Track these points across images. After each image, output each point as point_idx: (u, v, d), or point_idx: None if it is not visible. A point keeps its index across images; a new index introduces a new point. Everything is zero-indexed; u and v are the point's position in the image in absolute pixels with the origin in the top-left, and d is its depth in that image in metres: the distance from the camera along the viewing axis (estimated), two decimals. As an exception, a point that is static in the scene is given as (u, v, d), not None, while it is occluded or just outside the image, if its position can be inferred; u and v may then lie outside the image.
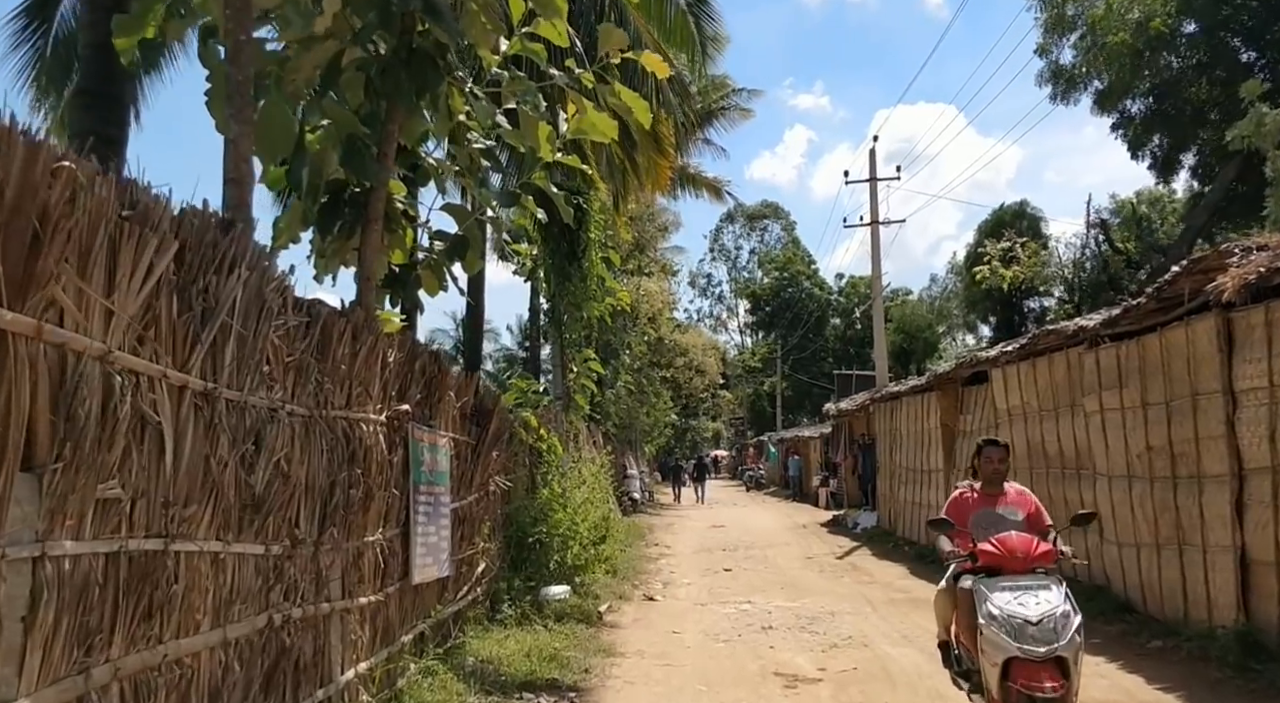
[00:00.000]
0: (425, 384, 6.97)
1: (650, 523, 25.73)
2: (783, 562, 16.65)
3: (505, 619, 8.82)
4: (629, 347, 27.19)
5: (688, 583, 13.90)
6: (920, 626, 9.91)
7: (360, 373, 5.47)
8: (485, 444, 8.37)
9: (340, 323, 5.18)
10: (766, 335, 72.72)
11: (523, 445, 11.21)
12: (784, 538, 21.53)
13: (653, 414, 37.76)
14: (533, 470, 12.00)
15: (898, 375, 26.90)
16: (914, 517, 17.64)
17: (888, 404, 19.80)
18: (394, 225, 6.13)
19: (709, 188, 38.09)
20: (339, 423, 5.13)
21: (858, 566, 15.80)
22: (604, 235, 16.60)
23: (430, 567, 6.82)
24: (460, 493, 7.88)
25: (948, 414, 15.77)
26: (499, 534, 9.91)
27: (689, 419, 57.86)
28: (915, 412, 17.45)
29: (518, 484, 10.99)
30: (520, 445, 10.89)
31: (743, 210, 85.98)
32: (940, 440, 15.95)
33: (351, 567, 5.25)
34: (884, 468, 20.57)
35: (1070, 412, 10.86)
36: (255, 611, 4.01)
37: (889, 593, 12.39)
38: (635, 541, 19.64)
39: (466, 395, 8.06)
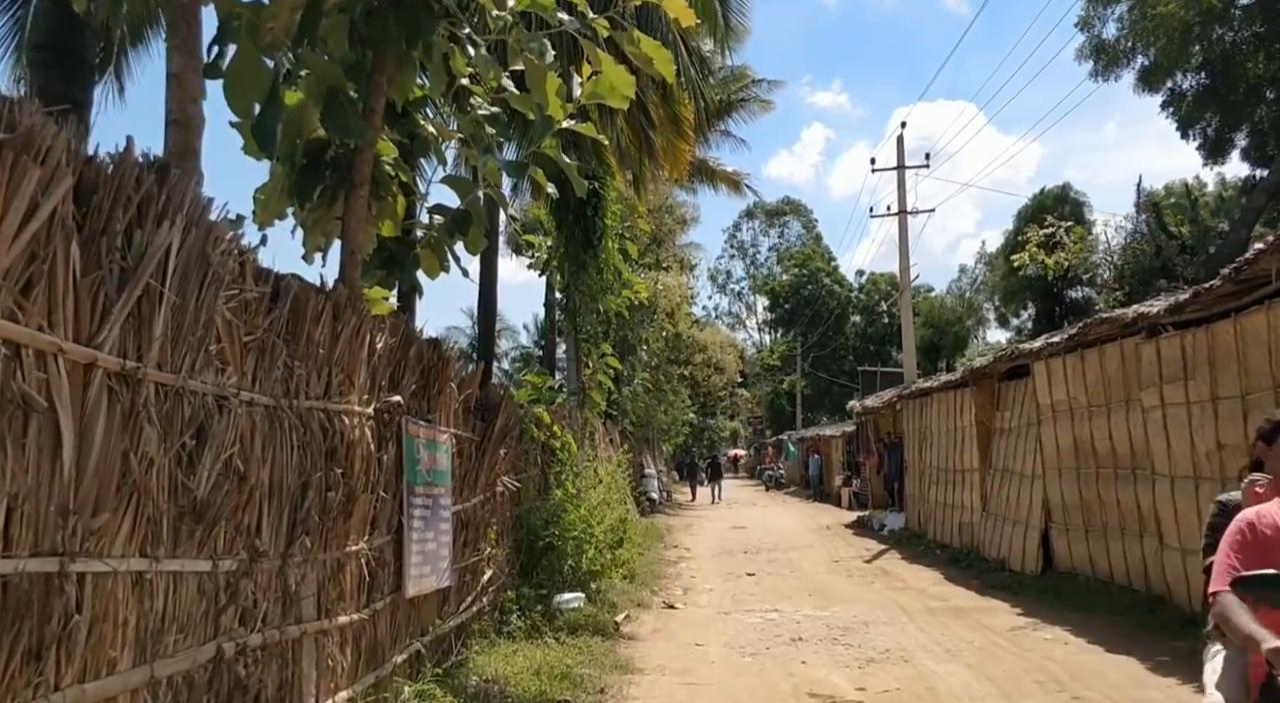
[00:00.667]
0: (423, 374, 6.27)
1: (669, 524, 25.01)
2: (808, 566, 15.89)
3: (514, 632, 8.11)
4: (646, 342, 26.46)
5: (709, 589, 13.17)
6: (963, 639, 9.15)
7: (342, 359, 4.77)
8: (491, 441, 7.66)
9: (317, 300, 4.48)
10: (786, 333, 71.82)
11: (534, 443, 10.51)
12: (807, 540, 20.76)
13: (670, 412, 37.02)
14: (545, 470, 11.30)
15: (926, 371, 26.02)
16: (946, 519, 16.83)
17: (917, 401, 18.99)
18: (383, 192, 5.43)
19: (728, 181, 37.28)
20: (315, 415, 4.43)
21: (888, 570, 15.02)
22: (621, 224, 15.91)
23: (428, 577, 6.12)
24: (463, 494, 7.18)
25: (983, 411, 14.96)
26: (508, 539, 9.21)
27: (707, 418, 57.10)
28: (947, 409, 16.64)
29: (528, 484, 10.29)
30: (531, 443, 10.19)
31: (762, 207, 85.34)
32: (975, 439, 15.14)
33: (330, 581, 4.55)
34: (912, 468, 19.76)
35: (1124, 407, 10.06)
36: (199, 640, 3.31)
37: (925, 601, 11.61)
38: (653, 543, 18.92)
39: (471, 388, 7.36)
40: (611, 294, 16.21)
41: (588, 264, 13.28)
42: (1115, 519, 10.35)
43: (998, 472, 14.30)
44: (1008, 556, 13.29)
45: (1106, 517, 10.56)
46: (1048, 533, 12.18)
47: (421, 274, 6.68)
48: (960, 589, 12.53)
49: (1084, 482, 11.08)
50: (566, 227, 13.17)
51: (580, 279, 13.36)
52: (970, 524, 15.38)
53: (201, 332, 3.27)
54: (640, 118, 12.81)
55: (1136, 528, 9.92)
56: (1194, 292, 8.12)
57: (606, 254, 13.60)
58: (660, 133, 13.15)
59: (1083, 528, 11.20)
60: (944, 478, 17.06)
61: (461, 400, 7.09)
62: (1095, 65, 22.21)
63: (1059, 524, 11.86)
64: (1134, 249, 17.04)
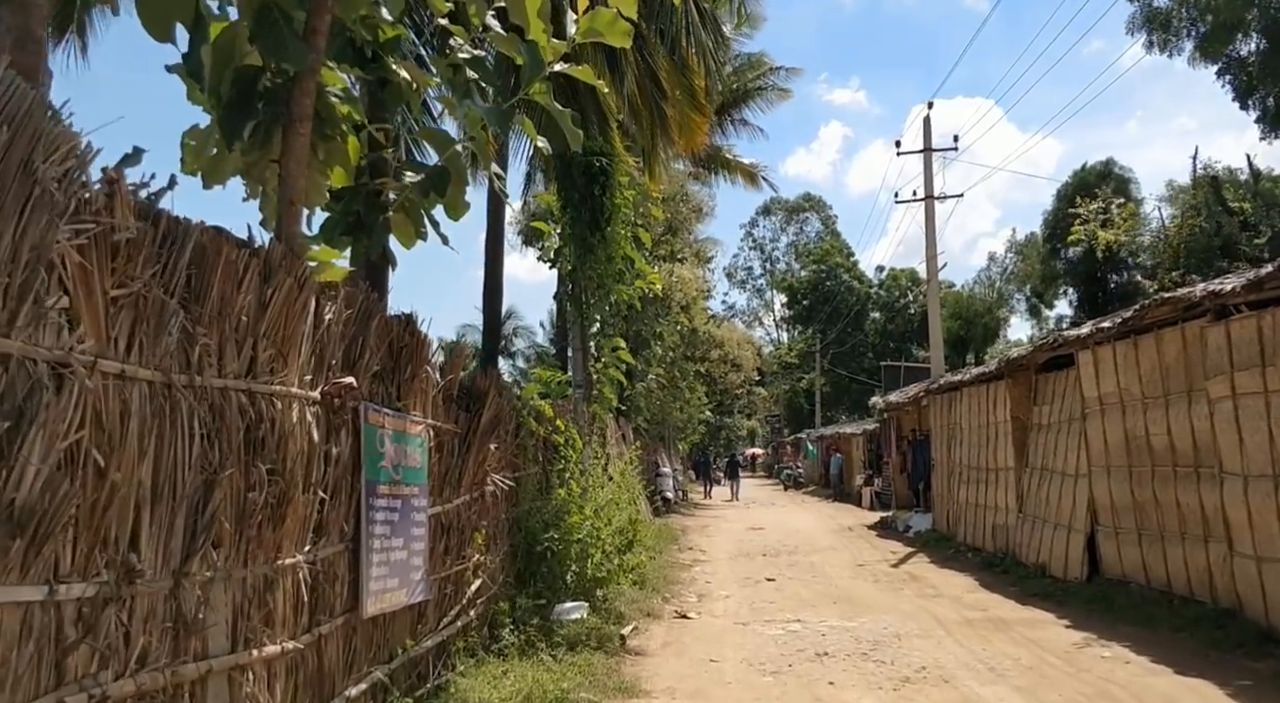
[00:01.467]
0: (390, 355, 5.39)
1: (684, 525, 24.09)
2: (831, 570, 14.94)
3: (505, 649, 7.22)
4: (661, 337, 25.54)
5: (726, 596, 12.25)
6: (1009, 655, 8.20)
7: (274, 329, 3.90)
8: (478, 434, 6.77)
9: (236, 254, 3.61)
10: (804, 330, 70.70)
11: (534, 438, 9.63)
12: (829, 542, 19.79)
13: (686, 410, 36.08)
14: (546, 468, 10.42)
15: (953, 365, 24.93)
16: (978, 520, 15.84)
17: (945, 396, 17.99)
18: (329, 130, 4.54)
19: (745, 174, 36.29)
20: (232, 397, 3.56)
21: (917, 575, 14.05)
22: (630, 204, 15.02)
23: (394, 592, 5.23)
24: (444, 495, 6.30)
25: (1019, 406, 13.97)
26: (502, 543, 8.32)
27: (724, 416, 56.10)
28: (979, 403, 15.65)
29: (527, 484, 9.41)
30: (531, 438, 9.30)
31: (780, 203, 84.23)
32: (1010, 435, 14.15)
33: (253, 604, 3.67)
34: (940, 466, 18.77)
35: (1185, 398, 9.08)
36: (28, 696, 2.43)
37: (961, 610, 10.65)
38: (667, 545, 18.01)
39: (454, 373, 6.47)
40: (623, 283, 15.36)
41: (595, 247, 12.38)
42: (1174, 522, 9.36)
43: (1035, 470, 13.32)
44: (1048, 561, 12.31)
45: (1164, 520, 9.57)
46: (1094, 537, 11.19)
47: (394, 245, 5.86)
48: (998, 597, 11.56)
49: (1137, 481, 10.09)
50: (572, 207, 12.29)
51: (587, 263, 12.47)
52: (1005, 526, 14.39)
53: (26, 273, 2.38)
54: (651, 88, 11.90)
55: (1200, 532, 8.93)
56: (1279, 265, 7.14)
57: (616, 237, 12.71)
58: (672, 104, 12.22)
59: (1135, 532, 10.21)
60: (975, 477, 16.07)
61: (441, 388, 6.21)
62: (1149, 36, 20.88)
63: (1107, 527, 10.87)
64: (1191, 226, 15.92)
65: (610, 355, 16.51)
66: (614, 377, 16.62)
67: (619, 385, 22.52)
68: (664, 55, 11.30)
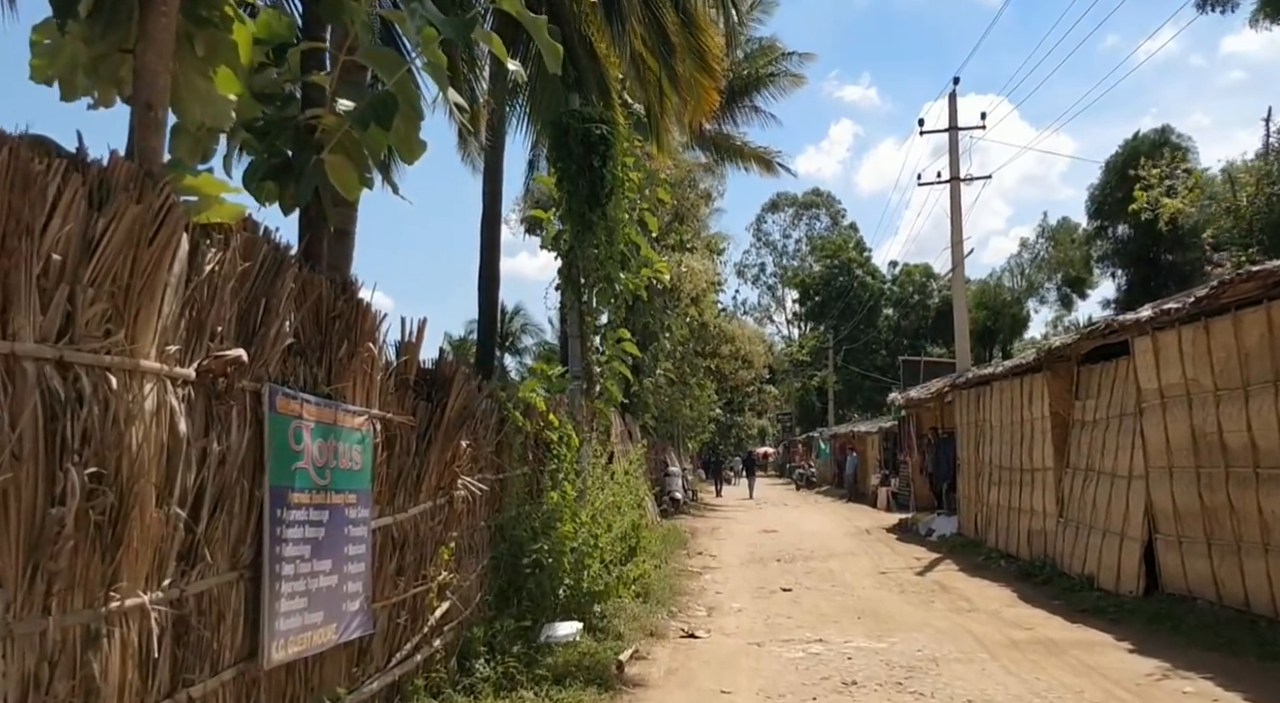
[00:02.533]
0: (319, 327, 4.26)
1: (693, 527, 22.93)
2: (852, 578, 13.76)
3: (478, 684, 6.07)
4: (669, 330, 24.37)
5: (738, 609, 11.09)
6: (1068, 688, 7.02)
7: (109, 276, 2.76)
8: (443, 428, 5.62)
9: (46, 164, 2.46)
10: (816, 327, 69.42)
11: (522, 435, 8.49)
12: (847, 546, 18.60)
13: (696, 407, 34.90)
14: (537, 468, 9.28)
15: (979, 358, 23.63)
16: (1010, 524, 14.63)
17: (973, 391, 16.78)
18: (207, 11, 3.38)
19: (758, 159, 35.02)
20: (26, 371, 2.42)
21: (946, 585, 12.85)
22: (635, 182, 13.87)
23: (318, 628, 4.09)
24: (398, 502, 5.15)
25: (1059, 400, 12.76)
26: (480, 556, 7.19)
27: (734, 415, 54.89)
28: (1013, 398, 14.44)
29: (513, 486, 8.27)
30: (518, 434, 8.16)
31: (788, 199, 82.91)
32: (1049, 432, 12.94)
33: (57, 671, 2.52)
34: (966, 466, 17.56)
35: (1270, 389, 7.87)
36: None
37: (1004, 629, 9.46)
38: (674, 550, 16.85)
39: (412, 354, 5.32)
40: (628, 270, 14.26)
41: (594, 225, 11.22)
42: (1254, 532, 8.15)
43: (1078, 471, 12.11)
44: (1095, 571, 11.10)
45: (1241, 528, 8.36)
46: (1151, 546, 9.98)
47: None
48: (1042, 613, 10.37)
49: (1207, 484, 8.88)
50: (569, 180, 11.12)
51: (585, 242, 11.30)
52: (1042, 532, 13.18)
53: None
54: (657, 43, 10.74)
55: (1288, 544, 7.73)
56: None
57: (617, 214, 11.55)
58: (681, 59, 11.02)
59: (1204, 541, 9.00)
60: (1007, 478, 14.86)
61: (393, 371, 5.06)
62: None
63: (1168, 536, 9.66)
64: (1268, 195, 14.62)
65: (615, 347, 15.40)
66: (619, 371, 15.51)
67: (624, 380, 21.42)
68: (670, 7, 10.15)
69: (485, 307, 15.72)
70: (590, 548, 9.10)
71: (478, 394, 6.66)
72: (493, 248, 15.72)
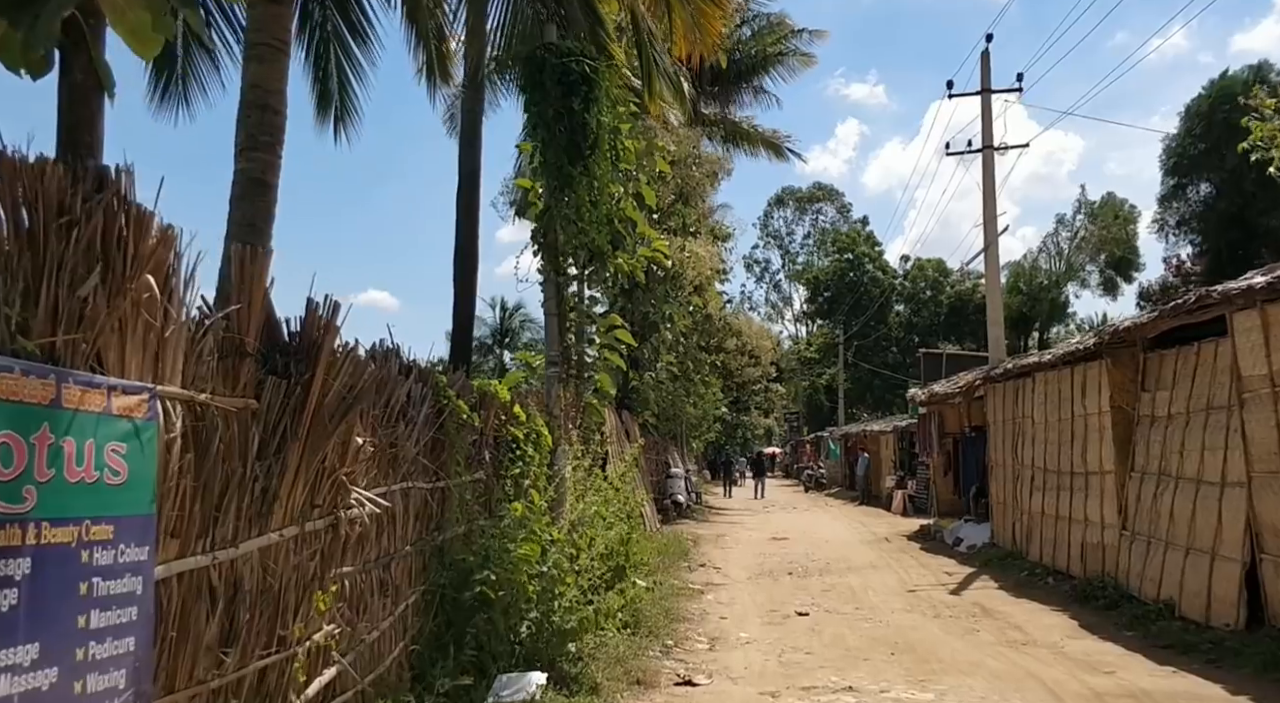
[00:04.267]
0: (32, 248, 2.44)
1: (696, 533, 21.09)
2: (877, 598, 11.93)
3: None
4: (671, 320, 22.52)
5: (746, 640, 9.27)
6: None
7: None
8: (313, 418, 3.79)
9: None
10: (825, 324, 67.55)
11: (473, 433, 6.69)
12: (866, 556, 16.76)
13: (701, 405, 33.04)
14: (496, 473, 7.48)
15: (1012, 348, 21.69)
16: (1059, 536, 12.77)
17: (1010, 384, 14.92)
18: None
19: (767, 144, 33.16)
20: None
21: (989, 608, 11.02)
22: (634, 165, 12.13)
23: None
24: (220, 532, 3.32)
25: (1122, 392, 10.92)
26: (402, 595, 5.38)
27: (740, 414, 53.03)
28: (1062, 391, 12.60)
29: (457, 498, 6.47)
30: (463, 432, 6.34)
31: (792, 193, 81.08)
32: (1109, 430, 11.10)
33: None
34: (1000, 467, 15.71)
35: None
36: None
37: (1076, 672, 7.62)
38: (674, 562, 15.04)
39: (254, 302, 3.49)
40: (622, 249, 12.50)
41: (574, 180, 9.40)
42: None
43: (1147, 475, 10.26)
44: (1175, 597, 9.25)
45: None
46: (1255, 569, 8.12)
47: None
48: (1116, 649, 8.52)
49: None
50: (544, 127, 9.31)
51: (564, 200, 9.49)
52: (1101, 546, 11.34)
53: None
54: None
55: None
56: None
57: (603, 167, 9.73)
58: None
59: (1332, 566, 7.15)
60: (1053, 482, 13.01)
61: (209, 329, 3.24)
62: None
63: (1278, 557, 7.81)
64: None
65: (607, 336, 13.63)
66: (613, 362, 13.74)
67: (619, 373, 19.59)
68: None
69: (461, 290, 13.82)
70: (563, 572, 7.29)
71: (392, 375, 4.86)
72: (470, 220, 13.86)
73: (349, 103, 11.76)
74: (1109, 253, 31.46)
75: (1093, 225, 33.62)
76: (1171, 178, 29.92)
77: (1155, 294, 46.32)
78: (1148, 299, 47.46)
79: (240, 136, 7.30)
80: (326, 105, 11.73)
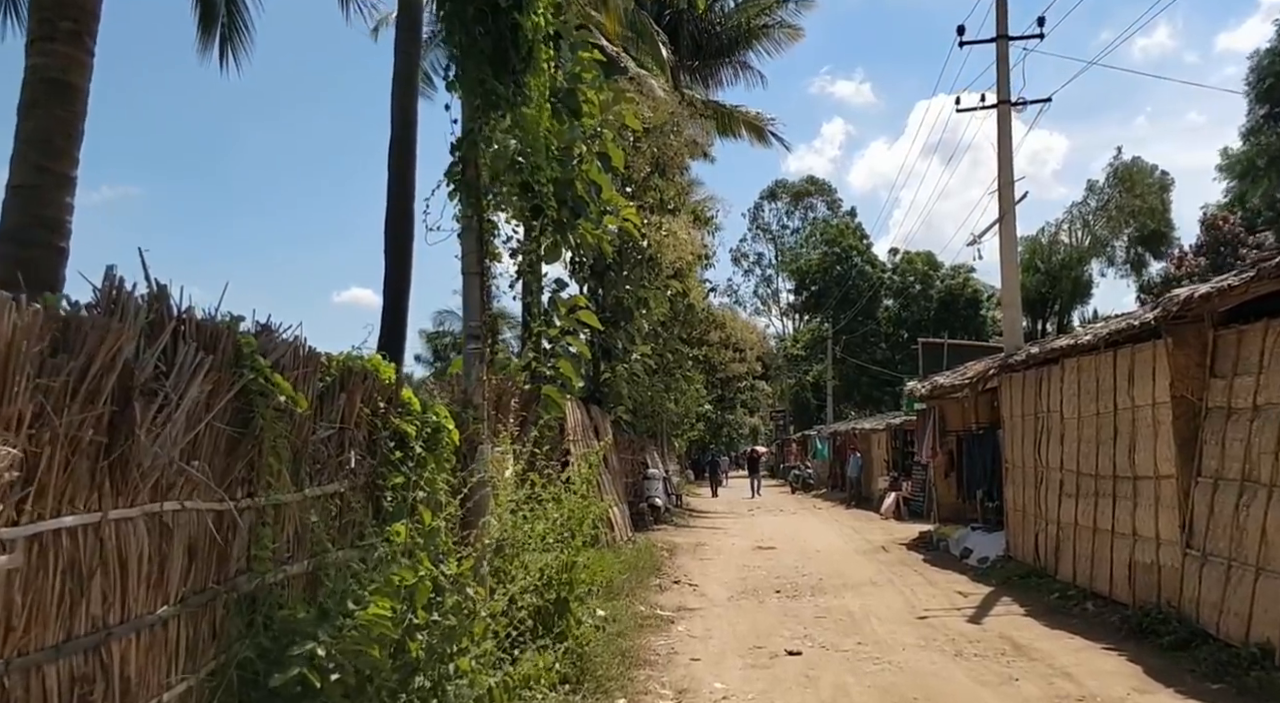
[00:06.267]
0: None
1: (673, 542, 18.99)
2: (883, 628, 9.88)
3: None
4: (646, 305, 20.41)
5: (723, 697, 7.18)
6: None
7: None
8: None
9: None
10: (812, 318, 65.62)
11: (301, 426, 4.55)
12: (864, 571, 14.71)
13: (682, 401, 30.94)
14: (372, 484, 5.35)
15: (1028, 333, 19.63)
16: (1098, 552, 10.71)
17: (1032, 372, 12.88)
18: None
19: (749, 126, 31.07)
20: None
21: (1021, 644, 8.96)
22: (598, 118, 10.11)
23: None
24: None
25: (1185, 378, 8.88)
26: (179, 676, 3.27)
27: (725, 412, 51.02)
28: (1102, 378, 10.57)
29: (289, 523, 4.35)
30: (281, 424, 4.18)
31: (785, 187, 79.34)
32: (1168, 424, 9.06)
33: None
34: (1018, 469, 13.69)
35: None
36: None
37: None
38: (643, 579, 12.96)
39: None
40: (585, 217, 10.43)
41: (501, 101, 7.27)
42: None
43: (1223, 482, 8.22)
44: (1275, 640, 7.19)
45: None
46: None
47: None
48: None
49: None
50: (463, 29, 7.16)
51: (487, 122, 7.35)
52: (1156, 567, 9.30)
53: None
54: None
55: None
56: None
57: (538, 85, 7.60)
58: None
59: None
60: (1089, 487, 10.97)
61: None
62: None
63: None
64: None
65: (569, 318, 11.53)
66: (576, 348, 11.63)
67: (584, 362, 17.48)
68: None
69: (394, 263, 11.51)
70: (463, 623, 5.19)
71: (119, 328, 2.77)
72: (404, 180, 11.60)
73: (239, 19, 9.60)
74: (1140, 224, 28.86)
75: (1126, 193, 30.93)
76: (1261, 106, 25.72)
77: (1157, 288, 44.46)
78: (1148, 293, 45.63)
79: (33, 23, 5.23)
80: (210, 23, 9.57)
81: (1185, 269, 40.46)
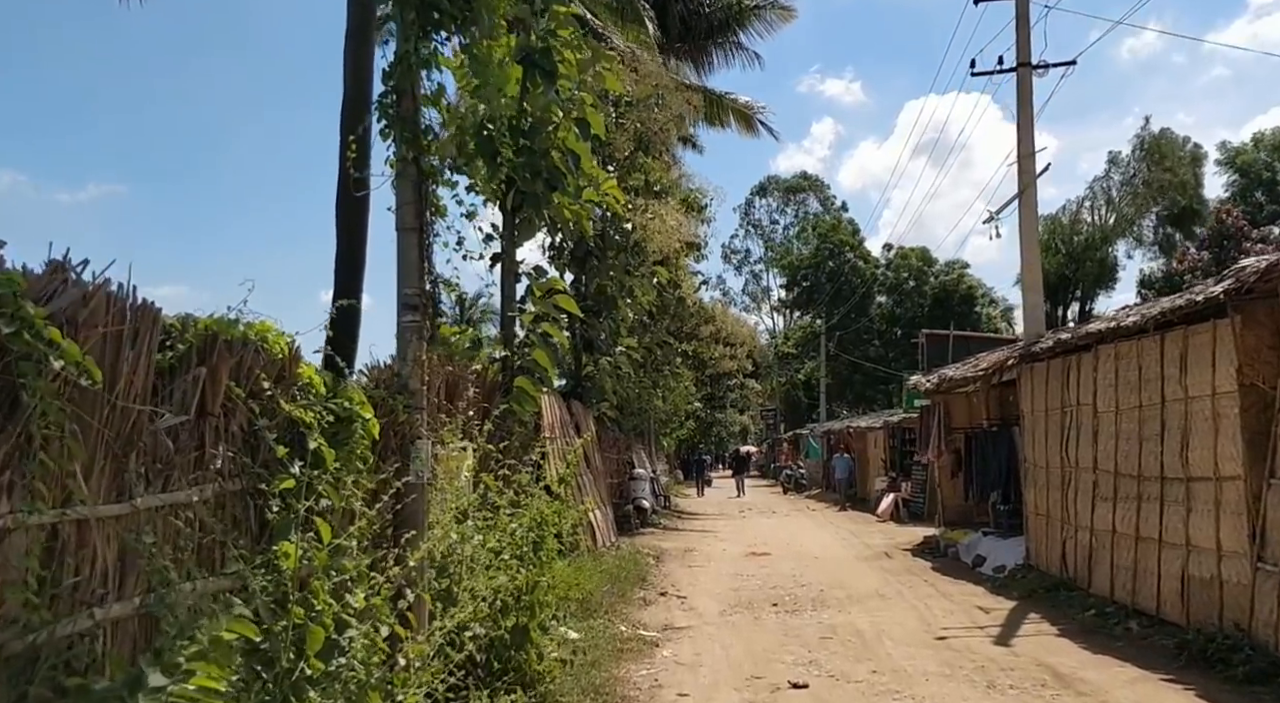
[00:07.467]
0: None
1: (660, 547, 17.65)
2: (898, 651, 8.58)
3: None
4: (631, 294, 19.06)
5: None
6: None
7: None
8: None
9: None
10: (804, 315, 64.45)
11: (98, 405, 3.22)
12: (868, 579, 13.41)
13: (671, 398, 29.63)
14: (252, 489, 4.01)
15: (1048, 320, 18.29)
16: (1147, 566, 9.40)
17: (1057, 362, 11.61)
18: None
19: (738, 115, 29.59)
20: None
21: (1062, 673, 7.65)
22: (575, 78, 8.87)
23: None
24: None
25: (1256, 363, 7.61)
26: None
27: (715, 411, 49.76)
28: (1146, 366, 9.29)
29: (81, 545, 3.00)
30: (48, 404, 2.83)
31: (777, 182, 78.24)
32: (1235, 417, 7.78)
33: None
34: (1040, 469, 12.41)
35: None
36: None
37: None
38: (626, 591, 11.64)
39: None
40: (561, 190, 9.20)
41: (446, 15, 5.92)
42: None
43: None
44: (1387, 675, 5.91)
45: None
46: None
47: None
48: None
49: None
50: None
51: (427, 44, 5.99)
52: (1217, 583, 8.01)
53: None
54: None
55: None
56: None
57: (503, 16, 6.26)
58: None
59: None
60: (1131, 490, 9.68)
61: None
62: None
63: None
64: None
65: (544, 302, 10.37)
66: (552, 335, 10.39)
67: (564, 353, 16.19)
68: None
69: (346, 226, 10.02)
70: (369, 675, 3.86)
71: None
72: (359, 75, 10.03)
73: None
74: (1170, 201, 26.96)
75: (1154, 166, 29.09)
76: None
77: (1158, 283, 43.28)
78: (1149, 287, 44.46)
79: None
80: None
81: (1188, 264, 39.34)
